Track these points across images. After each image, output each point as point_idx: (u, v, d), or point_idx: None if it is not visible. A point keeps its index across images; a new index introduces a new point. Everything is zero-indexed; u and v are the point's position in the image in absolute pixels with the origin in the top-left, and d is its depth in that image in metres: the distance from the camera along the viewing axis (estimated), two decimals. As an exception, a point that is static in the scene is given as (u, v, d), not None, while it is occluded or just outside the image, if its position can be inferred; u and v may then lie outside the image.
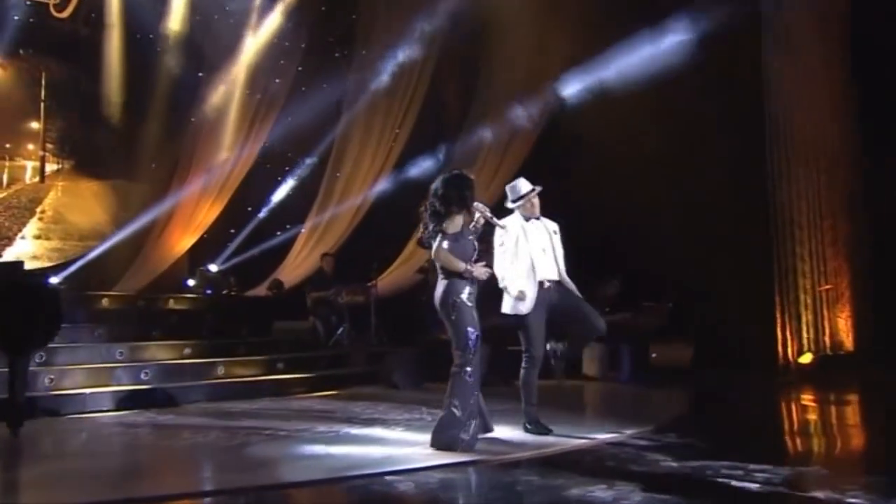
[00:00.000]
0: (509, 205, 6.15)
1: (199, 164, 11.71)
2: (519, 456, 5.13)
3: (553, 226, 6.17)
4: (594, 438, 5.74)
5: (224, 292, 10.77)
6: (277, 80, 11.98)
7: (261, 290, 11.00)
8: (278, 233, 11.69)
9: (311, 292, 10.43)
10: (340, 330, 10.20)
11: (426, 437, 5.33)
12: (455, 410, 5.15)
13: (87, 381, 7.42)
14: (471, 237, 5.31)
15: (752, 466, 4.62)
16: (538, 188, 6.13)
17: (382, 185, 12.39)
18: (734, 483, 4.35)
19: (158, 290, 10.56)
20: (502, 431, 5.74)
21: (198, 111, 11.59)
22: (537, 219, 6.07)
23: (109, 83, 11.20)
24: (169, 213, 11.36)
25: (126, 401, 7.34)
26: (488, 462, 4.98)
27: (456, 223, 5.12)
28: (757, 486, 4.30)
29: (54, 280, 9.92)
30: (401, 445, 5.44)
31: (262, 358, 8.88)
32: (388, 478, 4.50)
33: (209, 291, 10.46)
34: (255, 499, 4.19)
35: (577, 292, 5.99)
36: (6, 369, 5.82)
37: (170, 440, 5.90)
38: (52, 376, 7.18)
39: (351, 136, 12.54)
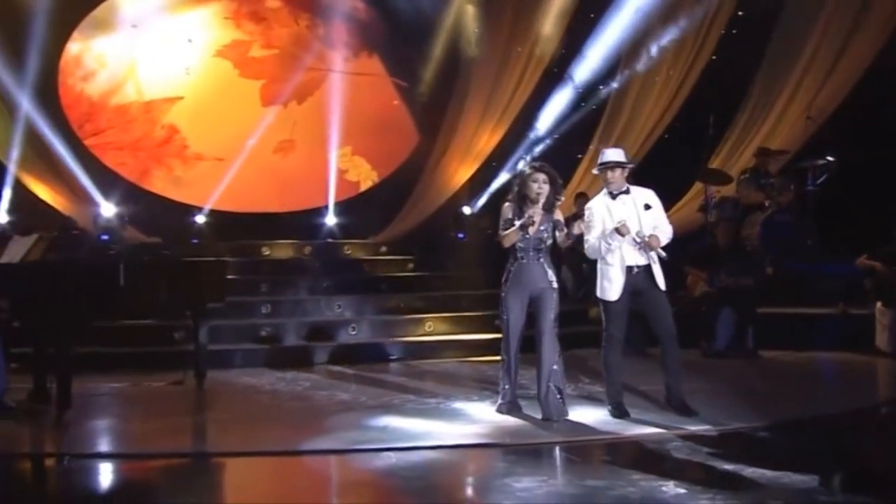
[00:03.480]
0: (594, 171, 6.66)
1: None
2: (539, 441, 5.95)
3: (645, 198, 6.40)
4: (673, 429, 6.04)
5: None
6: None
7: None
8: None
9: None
10: (593, 281, 11.04)
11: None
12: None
13: (298, 334, 9.49)
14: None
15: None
16: (627, 164, 6.41)
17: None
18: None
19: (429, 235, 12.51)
20: (583, 413, 6.47)
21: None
22: (626, 192, 6.35)
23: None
24: (445, 142, 13.17)
25: (333, 354, 9.22)
26: (498, 445, 5.77)
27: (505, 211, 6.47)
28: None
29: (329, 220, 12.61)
30: (466, 422, 6.39)
31: (481, 314, 9.88)
32: (387, 453, 5.56)
33: (461, 236, 11.88)
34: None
35: (663, 285, 6.34)
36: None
37: (285, 399, 7.45)
38: (267, 329, 9.38)
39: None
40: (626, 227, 6.18)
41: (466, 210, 12.41)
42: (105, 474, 5.69)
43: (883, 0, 11.19)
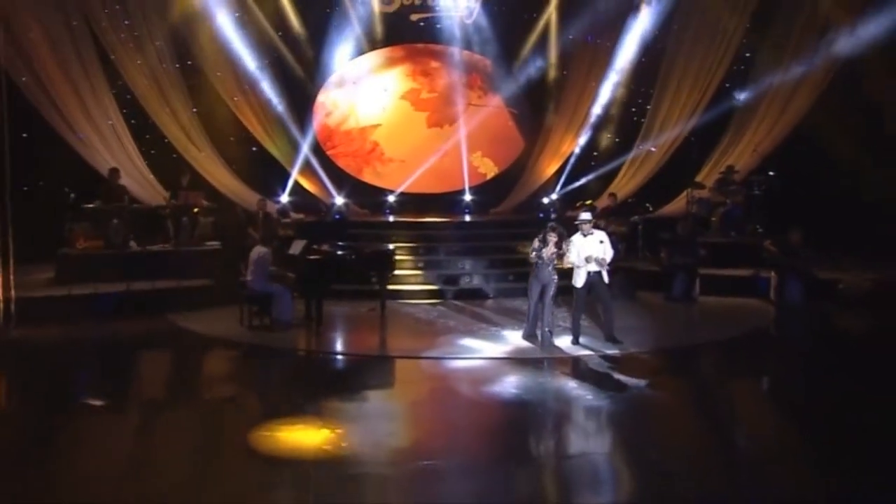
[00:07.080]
0: (577, 222, 9.80)
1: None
2: (532, 357, 8.90)
3: (601, 236, 9.45)
4: (598, 352, 8.98)
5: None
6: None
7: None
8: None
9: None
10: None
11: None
12: None
13: (437, 280, 13.14)
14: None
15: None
16: (589, 219, 9.64)
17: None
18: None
19: (526, 211, 16.22)
20: (563, 340, 9.36)
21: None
22: (591, 234, 9.42)
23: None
24: (540, 147, 16.53)
25: (456, 294, 12.72)
26: (509, 359, 8.80)
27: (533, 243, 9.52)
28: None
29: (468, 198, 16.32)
30: (503, 344, 9.30)
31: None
32: (455, 361, 8.71)
33: (542, 215, 15.10)
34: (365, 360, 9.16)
35: (606, 283, 9.39)
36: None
37: (422, 323, 10.61)
38: (420, 277, 13.30)
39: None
40: (592, 258, 9.46)
41: (545, 199, 15.91)
42: (338, 364, 9.31)
43: (808, 85, 13.77)
